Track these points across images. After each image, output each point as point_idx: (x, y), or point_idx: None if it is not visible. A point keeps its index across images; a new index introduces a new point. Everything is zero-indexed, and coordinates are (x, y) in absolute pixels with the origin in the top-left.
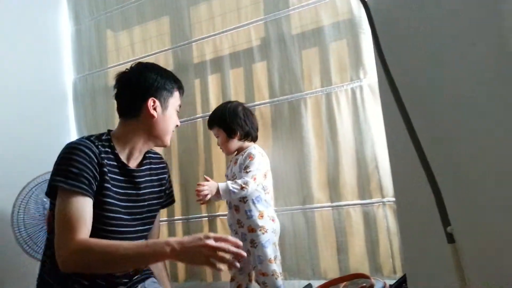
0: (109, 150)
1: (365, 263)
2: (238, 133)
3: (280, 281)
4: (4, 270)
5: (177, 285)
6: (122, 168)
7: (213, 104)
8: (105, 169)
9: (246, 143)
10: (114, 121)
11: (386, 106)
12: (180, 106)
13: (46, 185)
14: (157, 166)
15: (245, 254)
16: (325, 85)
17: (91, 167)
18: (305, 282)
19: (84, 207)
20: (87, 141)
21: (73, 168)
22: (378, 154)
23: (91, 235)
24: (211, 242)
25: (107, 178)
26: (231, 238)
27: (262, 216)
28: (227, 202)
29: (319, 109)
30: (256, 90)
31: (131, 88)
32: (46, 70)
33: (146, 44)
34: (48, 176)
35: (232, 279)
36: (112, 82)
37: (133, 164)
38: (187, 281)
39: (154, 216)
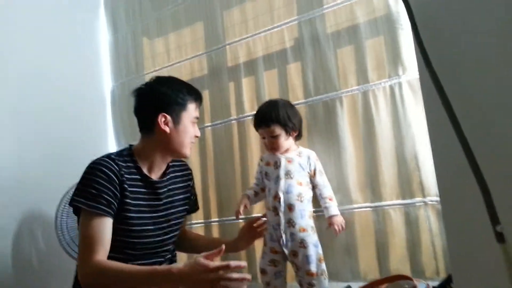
0: (131, 164)
1: (406, 264)
2: (297, 131)
3: (327, 281)
4: (48, 271)
5: None
6: (144, 180)
7: (248, 106)
8: (126, 185)
9: (294, 142)
10: None
11: (429, 103)
12: (197, 118)
13: None
14: (181, 173)
15: (249, 276)
16: (361, 83)
17: (110, 186)
18: (344, 284)
19: (103, 228)
20: (108, 160)
21: (92, 190)
22: (418, 152)
23: (119, 248)
24: (213, 275)
25: (128, 193)
26: (232, 263)
27: (312, 216)
28: (269, 202)
29: (355, 108)
30: (291, 91)
31: (143, 104)
32: (87, 78)
33: (181, 50)
34: None
35: (268, 284)
36: None
37: (155, 176)
38: None
39: (180, 223)
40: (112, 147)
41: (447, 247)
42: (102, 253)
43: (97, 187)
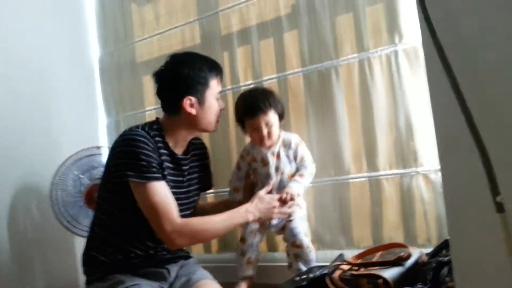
0: (160, 139)
1: (399, 232)
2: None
3: (313, 254)
4: (44, 244)
5: (211, 256)
6: (171, 155)
7: (242, 77)
8: (162, 158)
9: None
10: (143, 96)
11: (431, 69)
12: (220, 92)
13: (81, 163)
14: (199, 151)
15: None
16: (357, 52)
17: (155, 156)
18: (338, 252)
19: (165, 191)
20: (143, 132)
21: (142, 161)
22: (413, 122)
23: (142, 222)
24: (276, 203)
25: (164, 166)
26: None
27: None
28: (259, 180)
29: (351, 77)
30: (287, 60)
31: (167, 87)
32: (73, 46)
33: (172, 16)
34: (83, 154)
35: (243, 253)
36: (138, 56)
37: (179, 152)
38: (220, 253)
39: (196, 201)
40: (102, 118)
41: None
42: (176, 212)
43: (145, 158)
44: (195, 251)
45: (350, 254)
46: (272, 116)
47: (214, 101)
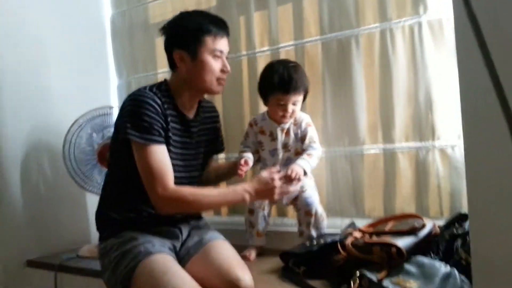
0: (169, 99)
1: (411, 204)
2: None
3: (325, 222)
4: (57, 201)
5: (220, 219)
6: (180, 117)
7: (258, 42)
8: (169, 119)
9: None
10: (155, 58)
11: (462, 41)
12: (221, 51)
13: (94, 122)
14: (210, 115)
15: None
16: (379, 21)
17: (159, 118)
18: (348, 221)
19: (162, 155)
20: (151, 93)
21: (144, 123)
22: (433, 96)
23: None
24: (277, 183)
25: (170, 128)
26: (288, 173)
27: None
28: (263, 154)
29: (371, 47)
30: (305, 27)
31: (165, 41)
32: (83, 5)
33: None
34: (96, 113)
35: (251, 225)
36: (151, 17)
37: (189, 113)
38: (230, 216)
39: (205, 164)
40: (113, 79)
41: (460, 190)
42: (171, 178)
43: (148, 120)
44: (204, 213)
45: (360, 223)
46: (300, 97)
47: (209, 59)
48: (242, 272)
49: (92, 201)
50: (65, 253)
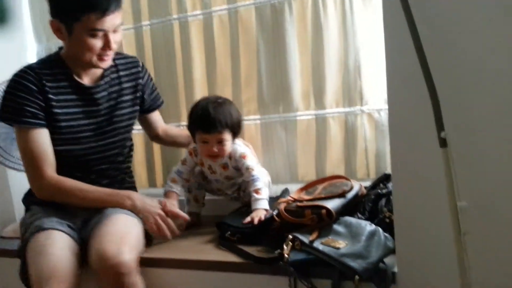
0: (60, 70)
1: (341, 167)
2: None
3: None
4: None
5: (157, 190)
6: (74, 86)
7: (189, 6)
8: (50, 95)
9: None
10: None
11: (388, 6)
12: (102, 30)
13: None
14: (127, 72)
15: (178, 231)
16: None
17: (31, 98)
18: (283, 187)
19: (40, 140)
20: (27, 70)
21: (15, 104)
22: (362, 62)
23: (63, 159)
24: (161, 212)
25: (54, 102)
26: (182, 215)
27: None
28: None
29: (304, 12)
30: None
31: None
32: None
33: None
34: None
35: (189, 190)
36: None
37: (89, 80)
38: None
39: (129, 126)
40: (32, 46)
41: (385, 151)
42: (49, 165)
43: (18, 101)
44: (139, 185)
45: (294, 188)
46: (226, 136)
47: (86, 37)
48: (112, 247)
49: (16, 178)
50: None
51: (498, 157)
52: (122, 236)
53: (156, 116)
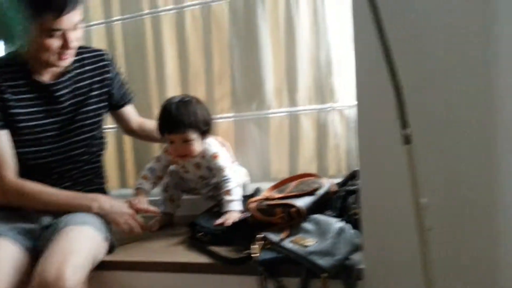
0: (16, 68)
1: (313, 164)
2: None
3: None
4: None
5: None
6: (32, 85)
7: (161, 1)
8: (6, 95)
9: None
10: None
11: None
12: (58, 30)
13: None
14: (93, 66)
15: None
16: None
17: None
18: (256, 185)
19: None
20: None
21: None
22: (333, 59)
23: (24, 161)
24: (130, 211)
25: (12, 103)
26: (152, 209)
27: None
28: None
29: (277, 8)
30: None
31: None
32: None
33: None
34: None
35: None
36: None
37: (49, 77)
38: None
39: (96, 123)
40: None
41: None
42: (9, 168)
43: None
44: (109, 186)
45: (266, 186)
46: (192, 135)
47: (43, 37)
48: (53, 271)
49: None
50: None
51: (461, 154)
52: (66, 254)
53: (128, 111)
